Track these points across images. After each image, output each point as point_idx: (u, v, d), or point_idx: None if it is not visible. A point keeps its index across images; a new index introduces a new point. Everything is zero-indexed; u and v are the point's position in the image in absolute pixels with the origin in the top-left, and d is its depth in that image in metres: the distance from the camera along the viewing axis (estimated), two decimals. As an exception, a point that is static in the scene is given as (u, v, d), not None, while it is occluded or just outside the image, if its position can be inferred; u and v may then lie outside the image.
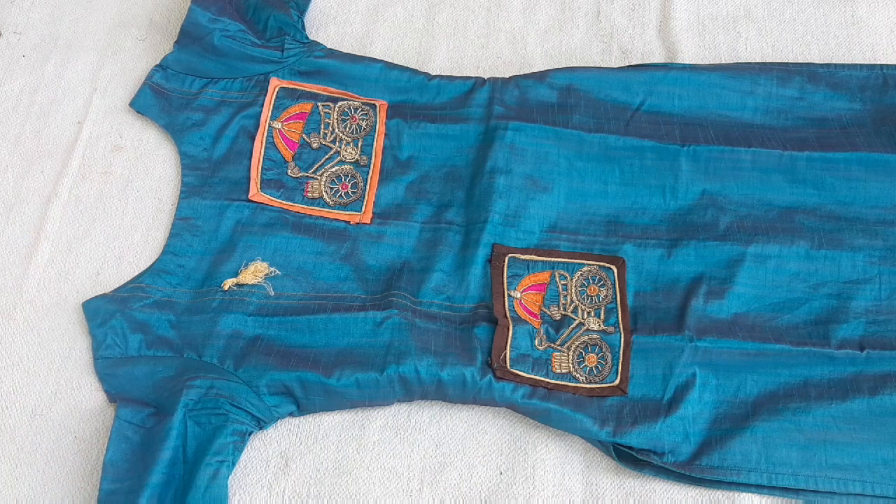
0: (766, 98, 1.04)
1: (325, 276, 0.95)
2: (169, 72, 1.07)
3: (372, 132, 1.03)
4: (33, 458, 0.88)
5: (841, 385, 0.88)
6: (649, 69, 1.05)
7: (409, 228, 0.98)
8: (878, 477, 0.83)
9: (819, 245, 0.95)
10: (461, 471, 0.87)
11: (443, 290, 0.94)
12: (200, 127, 1.04)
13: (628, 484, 0.86)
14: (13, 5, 1.17)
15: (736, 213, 0.97)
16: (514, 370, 0.87)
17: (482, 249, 0.95)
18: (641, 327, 0.91)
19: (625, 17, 1.15)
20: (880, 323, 0.91)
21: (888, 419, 0.86)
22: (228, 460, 0.84)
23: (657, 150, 1.00)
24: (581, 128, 1.01)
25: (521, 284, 0.93)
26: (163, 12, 1.15)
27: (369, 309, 0.92)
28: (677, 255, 0.95)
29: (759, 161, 0.99)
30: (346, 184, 1.00)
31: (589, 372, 0.89)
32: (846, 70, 1.05)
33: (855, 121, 1.03)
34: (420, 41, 1.14)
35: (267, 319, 0.92)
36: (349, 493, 0.86)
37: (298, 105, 1.04)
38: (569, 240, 0.97)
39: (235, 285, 0.94)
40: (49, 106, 1.09)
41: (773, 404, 0.87)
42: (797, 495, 0.85)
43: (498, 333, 0.89)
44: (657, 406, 0.87)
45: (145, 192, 1.03)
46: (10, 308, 0.96)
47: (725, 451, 0.84)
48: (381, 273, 0.96)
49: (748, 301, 0.93)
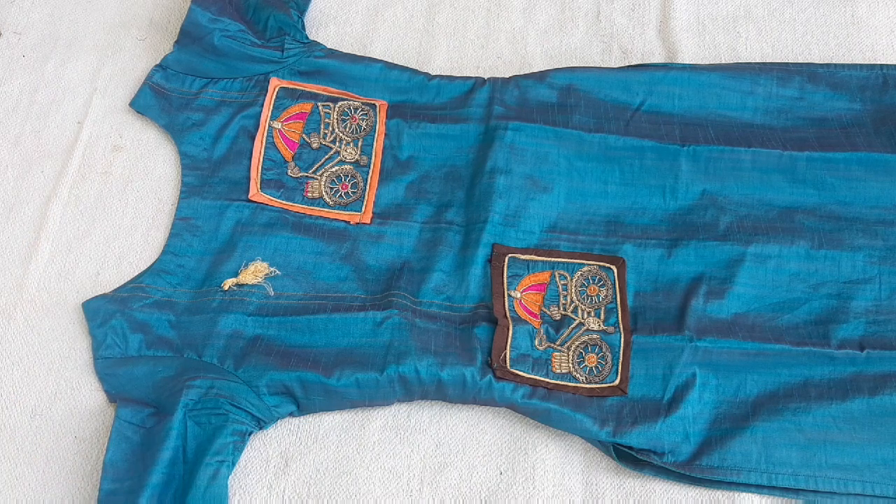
0: (766, 98, 1.04)
1: (325, 276, 0.95)
2: (169, 72, 1.07)
3: (372, 132, 1.03)
4: (33, 458, 0.88)
5: (841, 385, 0.88)
6: (649, 69, 1.05)
7: (409, 228, 0.98)
8: (878, 477, 0.83)
9: (819, 245, 0.95)
10: (461, 471, 0.87)
11: (443, 290, 0.94)
12: (200, 127, 1.04)
13: (628, 484, 0.86)
14: (13, 5, 1.17)
15: (736, 213, 0.97)
16: (514, 370, 0.87)
17: (482, 249, 0.95)
18: (641, 327, 0.91)
19: (625, 17, 1.15)
20: (880, 323, 0.91)
21: (888, 419, 0.86)
22: (228, 460, 0.84)
23: (657, 150, 1.00)
24: (581, 128, 1.01)
25: (521, 284, 0.93)
26: (163, 12, 1.15)
27: (369, 309, 0.92)
28: (677, 255, 0.95)
29: (759, 161, 0.99)
30: (346, 184, 1.00)
31: (589, 372, 0.89)
32: (846, 70, 1.05)
33: (855, 121, 1.03)
34: (420, 41, 1.14)
35: (267, 319, 0.92)
36: (349, 493, 0.86)
37: (298, 105, 1.04)
38: (569, 240, 0.97)
39: (235, 285, 0.94)
40: (49, 106, 1.09)
41: (773, 404, 0.87)
42: (797, 495, 0.84)
43: (498, 333, 0.89)
44: (657, 406, 0.87)
45: (145, 192, 1.03)
46: (10, 308, 0.96)
47: (725, 451, 0.84)
48: (381, 273, 0.96)
49: (748, 301, 0.93)
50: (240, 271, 0.94)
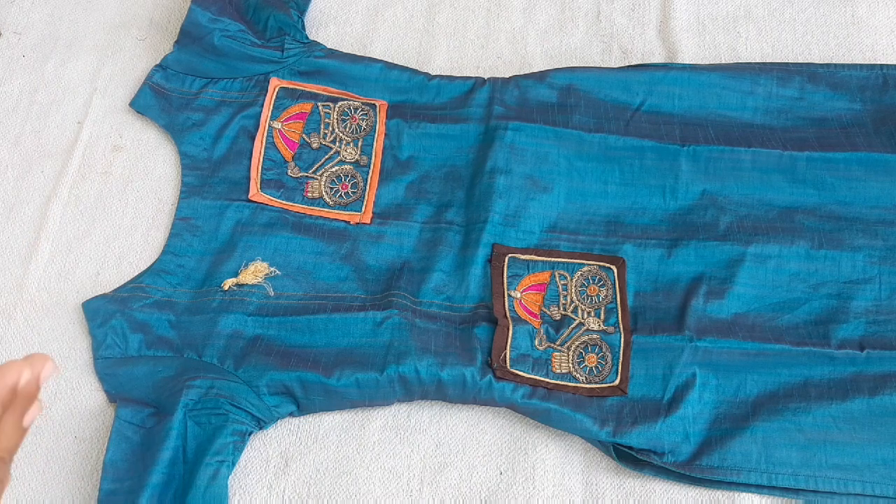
0: (766, 98, 1.04)
1: (325, 276, 0.95)
2: (169, 72, 1.07)
3: (372, 132, 1.03)
4: (33, 458, 0.88)
5: (841, 385, 0.87)
6: (649, 69, 1.05)
7: (409, 228, 0.98)
8: (878, 477, 0.83)
9: (819, 245, 0.95)
10: (461, 471, 0.87)
11: (443, 290, 0.94)
12: (200, 127, 1.04)
13: (628, 484, 0.86)
14: (13, 5, 1.17)
15: (736, 213, 0.97)
16: (514, 370, 0.87)
17: (482, 249, 0.95)
18: (641, 327, 0.91)
19: (625, 17, 1.15)
20: (880, 323, 0.91)
21: (888, 419, 0.85)
22: (228, 460, 0.84)
23: (657, 150, 1.00)
24: (581, 128, 1.01)
25: (521, 284, 0.93)
26: (163, 12, 1.15)
27: (369, 309, 0.92)
28: (677, 255, 0.95)
29: (759, 161, 0.99)
30: (346, 184, 1.00)
31: (589, 372, 0.89)
32: (846, 70, 1.05)
33: (855, 121, 1.03)
34: (420, 41, 1.14)
35: (267, 319, 0.92)
36: (349, 494, 0.86)
37: (298, 105, 1.04)
38: (569, 240, 0.97)
39: (235, 285, 0.94)
40: (49, 106, 1.09)
41: (773, 404, 0.87)
42: (797, 495, 0.84)
43: (498, 333, 0.89)
44: (657, 406, 0.87)
45: (145, 192, 1.03)
46: (10, 308, 0.96)
47: (725, 451, 0.84)
48: (381, 273, 0.96)
49: (748, 301, 0.93)
50: (240, 271, 0.94)
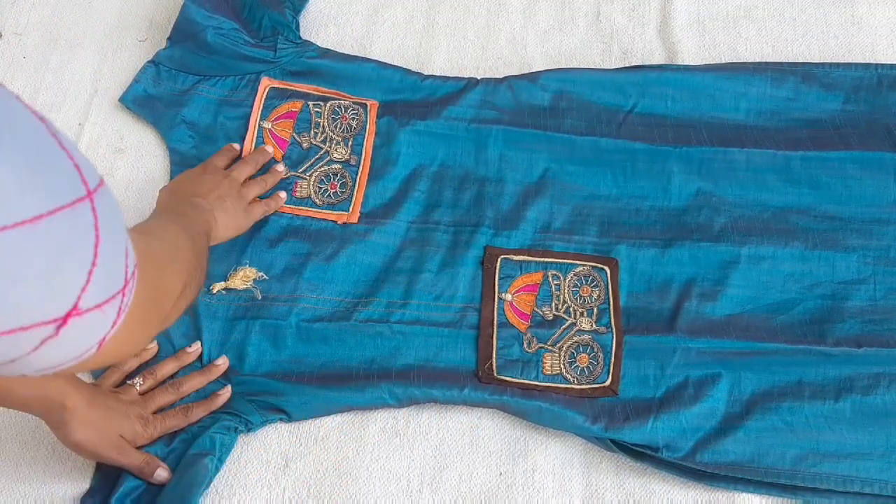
0: (759, 99, 1.03)
1: (312, 278, 0.94)
2: (161, 68, 1.06)
3: (362, 131, 1.02)
4: (33, 458, 0.89)
5: (835, 384, 0.87)
6: (643, 70, 1.04)
7: (396, 228, 0.97)
8: (874, 476, 0.83)
9: (813, 246, 0.94)
10: (461, 472, 0.87)
11: (430, 290, 0.93)
12: (190, 124, 1.03)
13: (628, 485, 0.86)
14: (13, 6, 1.17)
15: (730, 213, 0.97)
16: (500, 376, 0.87)
17: (472, 251, 0.94)
18: (634, 328, 0.91)
19: (625, 18, 1.15)
20: (877, 322, 0.91)
21: (882, 418, 0.85)
22: (214, 454, 0.83)
23: (649, 153, 0.99)
24: (572, 131, 1.01)
25: (513, 286, 0.93)
26: (163, 13, 1.15)
27: (356, 310, 0.92)
28: (671, 256, 0.95)
29: (753, 161, 0.98)
30: (335, 183, 0.99)
31: (580, 372, 0.89)
32: (841, 70, 1.04)
33: (849, 121, 1.02)
34: (420, 42, 1.14)
35: (253, 323, 0.92)
36: (349, 494, 0.86)
37: (288, 104, 1.03)
38: (562, 240, 0.96)
39: (224, 290, 0.93)
40: (50, 107, 1.09)
41: (768, 403, 0.86)
42: (794, 494, 0.84)
43: (483, 343, 0.89)
44: (649, 405, 0.86)
45: (146, 192, 1.03)
46: (11, 309, 0.96)
47: (720, 448, 0.84)
48: (367, 273, 0.95)
49: (742, 302, 0.92)
50: (229, 275, 0.94)
